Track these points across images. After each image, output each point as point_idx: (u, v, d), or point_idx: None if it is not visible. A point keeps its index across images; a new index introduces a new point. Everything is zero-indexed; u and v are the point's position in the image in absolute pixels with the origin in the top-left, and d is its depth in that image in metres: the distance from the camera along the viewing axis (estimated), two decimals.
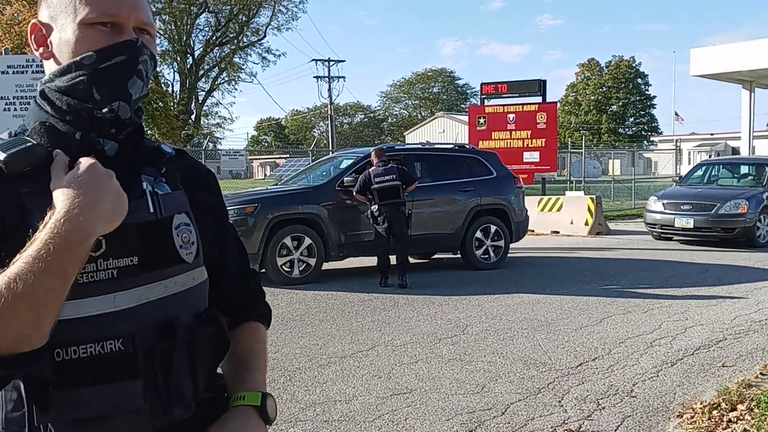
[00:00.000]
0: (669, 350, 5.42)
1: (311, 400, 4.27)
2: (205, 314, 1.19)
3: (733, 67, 19.09)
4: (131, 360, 1.06)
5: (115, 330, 1.05)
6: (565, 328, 6.12)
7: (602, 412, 4.09)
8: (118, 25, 1.09)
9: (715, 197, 12.26)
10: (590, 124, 62.60)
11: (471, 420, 3.95)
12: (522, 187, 10.61)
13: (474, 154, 10.37)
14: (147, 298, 1.09)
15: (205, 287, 1.22)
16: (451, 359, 5.17)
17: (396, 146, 11.16)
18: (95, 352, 1.03)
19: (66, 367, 1.02)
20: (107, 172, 1.01)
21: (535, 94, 17.63)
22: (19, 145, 1.04)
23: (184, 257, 1.15)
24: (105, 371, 1.04)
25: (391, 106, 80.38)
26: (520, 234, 10.27)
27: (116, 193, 1.00)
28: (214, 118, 48.37)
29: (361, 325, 6.28)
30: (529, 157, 17.39)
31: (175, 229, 1.15)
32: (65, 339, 1.01)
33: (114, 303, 1.06)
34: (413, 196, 8.78)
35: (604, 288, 8.04)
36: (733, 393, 4.27)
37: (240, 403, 1.22)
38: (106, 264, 1.05)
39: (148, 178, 1.15)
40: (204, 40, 39.54)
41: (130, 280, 1.07)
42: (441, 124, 48.13)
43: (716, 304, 7.12)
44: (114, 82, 1.08)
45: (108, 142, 1.12)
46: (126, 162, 1.14)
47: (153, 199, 1.13)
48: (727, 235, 11.88)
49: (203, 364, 1.17)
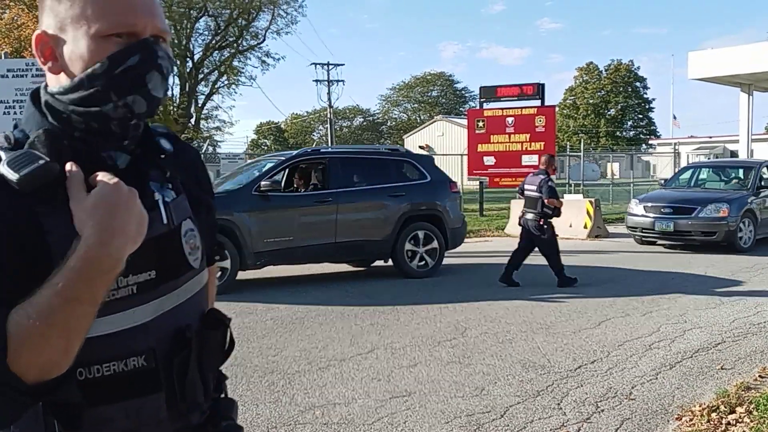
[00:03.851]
0: (668, 353, 5.43)
1: (310, 403, 4.28)
2: (212, 317, 1.19)
3: (732, 70, 19.13)
4: (154, 374, 1.06)
5: (137, 345, 1.05)
6: (564, 330, 6.13)
7: (601, 414, 4.10)
8: (134, 35, 1.04)
9: (695, 200, 12.03)
10: (588, 127, 62.65)
11: (470, 423, 3.95)
12: (458, 192, 10.03)
13: (407, 157, 9.88)
14: (163, 309, 1.09)
15: (206, 288, 1.22)
16: (450, 362, 5.18)
17: (321, 149, 10.86)
18: (119, 369, 1.03)
19: (89, 386, 1.01)
20: (131, 191, 0.97)
21: (534, 98, 17.67)
22: (31, 162, 0.96)
23: (193, 264, 1.15)
24: (129, 388, 1.04)
25: (390, 110, 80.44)
26: (457, 241, 9.79)
27: (140, 213, 0.98)
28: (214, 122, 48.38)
29: (360, 328, 6.28)
30: (528, 161, 17.41)
31: (183, 236, 1.13)
32: (88, 358, 1.00)
33: (133, 318, 1.05)
34: (337, 201, 8.68)
35: (602, 291, 8.05)
36: (732, 396, 4.27)
37: None
38: (126, 281, 1.04)
39: (155, 185, 1.12)
40: (203, 43, 39.56)
41: (148, 294, 1.07)
42: (440, 127, 48.13)
43: (715, 307, 7.13)
44: (131, 80, 1.04)
45: (120, 155, 1.09)
46: (136, 172, 1.10)
47: (166, 210, 1.10)
48: (707, 239, 11.63)
49: (212, 367, 1.18)
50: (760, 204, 12.42)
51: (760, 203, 12.43)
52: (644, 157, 47.26)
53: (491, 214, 19.03)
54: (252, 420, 3.95)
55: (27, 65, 8.18)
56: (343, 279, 9.14)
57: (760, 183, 12.72)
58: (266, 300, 7.58)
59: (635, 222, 12.44)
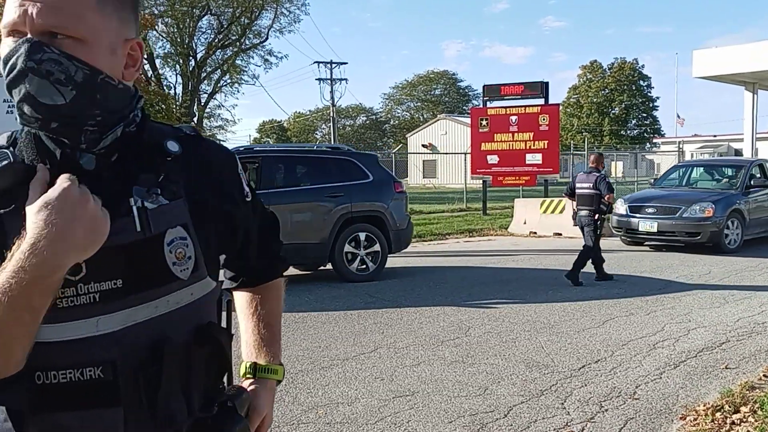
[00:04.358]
0: (672, 352, 5.41)
1: (313, 403, 4.27)
2: (205, 332, 1.12)
3: (736, 69, 19.07)
4: (111, 388, 1.02)
5: (96, 356, 1.01)
6: (568, 330, 6.11)
7: (605, 414, 4.08)
8: (20, 33, 1.00)
9: (680, 200, 11.78)
10: (592, 126, 62.56)
11: (473, 422, 3.94)
12: (404, 192, 9.57)
13: (348, 156, 9.38)
14: (134, 320, 1.04)
15: (209, 300, 1.16)
16: (453, 361, 5.17)
17: (255, 147, 10.66)
18: (75, 378, 1.00)
19: (46, 391, 0.99)
20: (82, 195, 0.94)
21: (537, 96, 17.64)
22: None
23: (178, 274, 1.08)
24: (84, 398, 1.01)
25: (393, 108, 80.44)
26: (402, 244, 9.32)
27: (91, 219, 0.94)
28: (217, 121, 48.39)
29: (363, 327, 6.28)
30: (532, 159, 17.40)
31: (167, 245, 1.06)
32: (46, 363, 0.98)
33: (97, 327, 1.01)
34: (269, 202, 8.50)
35: (606, 290, 8.03)
36: (737, 395, 4.26)
37: (273, 377, 1.38)
38: (87, 288, 1.00)
39: (140, 189, 1.05)
40: (206, 42, 39.59)
41: (115, 303, 1.02)
42: (443, 126, 48.10)
43: (719, 306, 7.10)
44: (15, 84, 0.99)
45: (84, 155, 1.04)
46: (116, 175, 1.06)
47: (141, 217, 1.04)
48: (691, 240, 11.34)
49: (199, 385, 1.12)
50: (749, 204, 12.07)
51: (749, 203, 12.09)
52: (648, 156, 47.17)
53: (494, 213, 19.02)
54: None
55: None
56: (345, 279, 9.13)
57: (750, 182, 12.40)
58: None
59: (620, 222, 12.18)
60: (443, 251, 12.15)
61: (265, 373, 1.37)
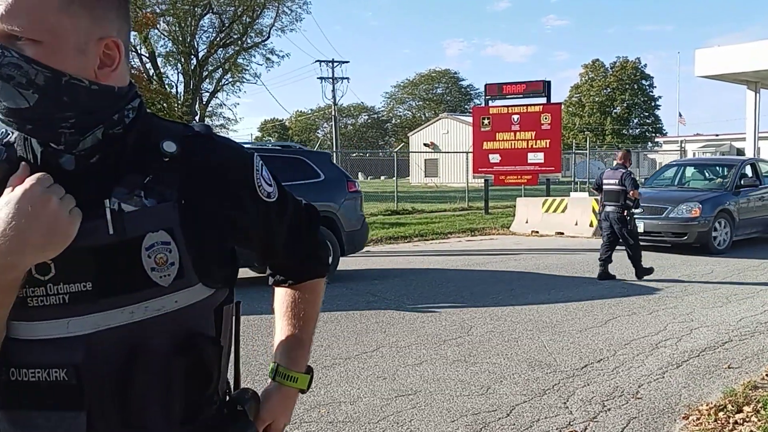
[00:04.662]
0: (674, 352, 5.40)
1: (316, 402, 4.27)
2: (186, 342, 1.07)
3: (738, 68, 19.02)
4: (75, 391, 1.01)
5: (62, 358, 1.00)
6: (570, 329, 6.11)
7: (608, 413, 4.08)
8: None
9: (667, 200, 11.51)
10: (594, 125, 62.51)
11: (476, 421, 3.94)
12: (358, 192, 9.18)
13: (298, 154, 9.02)
14: (108, 324, 1.01)
15: (200, 308, 1.09)
16: (455, 361, 5.16)
17: None
18: (42, 378, 1.01)
19: (18, 387, 1.01)
20: (43, 194, 0.93)
21: (539, 95, 17.62)
22: None
23: (157, 281, 1.03)
24: (49, 399, 1.01)
25: (395, 107, 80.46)
26: (356, 245, 9.00)
27: (53, 218, 0.92)
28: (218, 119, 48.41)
29: (365, 326, 6.27)
30: (534, 158, 17.39)
31: (146, 249, 1.02)
32: (18, 360, 1.00)
33: (67, 329, 1.00)
34: None
35: (608, 289, 8.02)
36: (739, 395, 4.25)
37: (291, 385, 1.39)
38: (57, 289, 0.99)
39: (121, 191, 1.02)
40: (208, 41, 39.58)
41: (84, 305, 1.00)
42: (445, 125, 48.06)
43: (722, 306, 7.09)
44: None
45: (63, 155, 1.03)
46: (96, 176, 1.03)
47: (114, 219, 1.00)
48: (677, 240, 11.09)
49: (178, 396, 1.07)
50: (739, 204, 11.80)
51: (739, 203, 11.82)
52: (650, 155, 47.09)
53: (496, 212, 19.01)
54: None
55: None
56: (347, 277, 9.12)
57: (740, 182, 12.14)
58: (270, 298, 7.57)
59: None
60: (445, 250, 12.15)
61: (284, 379, 1.38)
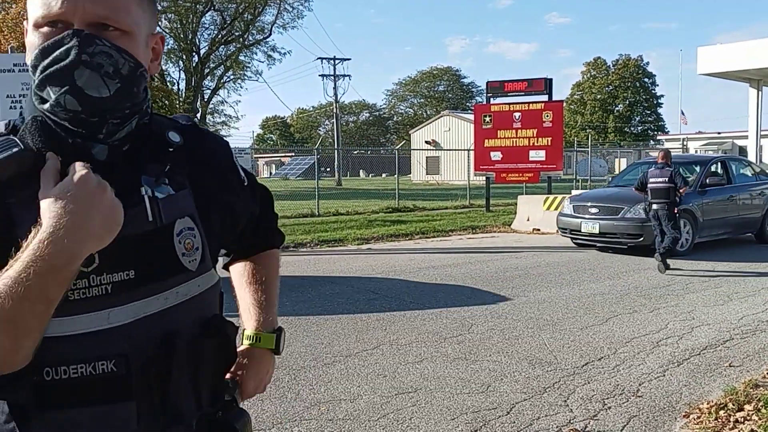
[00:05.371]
0: (675, 350, 5.40)
1: (316, 399, 4.27)
2: (212, 325, 1.11)
3: (741, 65, 18.99)
4: (124, 382, 1.00)
5: (108, 350, 0.98)
6: (571, 327, 6.10)
7: (608, 411, 4.07)
8: (65, 23, 0.98)
9: (623, 200, 11.02)
10: (596, 123, 62.44)
11: (476, 419, 3.93)
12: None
13: None
14: (145, 312, 1.02)
15: (214, 292, 1.15)
16: (456, 358, 5.16)
17: None
18: (86, 372, 0.97)
19: (56, 386, 0.97)
20: (100, 184, 0.92)
21: (541, 93, 17.60)
22: (4, 150, 0.94)
23: (187, 265, 1.07)
24: (96, 393, 0.98)
25: (396, 105, 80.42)
26: None
27: (109, 207, 0.92)
28: (220, 117, 48.46)
29: (365, 324, 6.27)
30: (535, 156, 17.37)
31: (177, 236, 1.06)
32: (55, 358, 0.96)
33: (108, 319, 0.99)
34: None
35: (609, 287, 8.01)
36: (740, 393, 4.24)
37: (256, 345, 1.34)
38: (100, 279, 0.98)
39: (149, 179, 1.05)
40: (209, 38, 39.61)
41: (127, 294, 1.00)
42: (446, 122, 48.01)
43: (723, 304, 7.08)
44: (59, 75, 0.97)
45: (95, 145, 1.02)
46: (126, 165, 1.04)
47: (152, 206, 1.03)
48: (633, 242, 10.59)
49: (207, 378, 1.11)
50: (703, 204, 11.19)
51: (704, 203, 11.22)
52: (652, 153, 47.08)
53: (498, 209, 18.99)
54: (257, 416, 3.94)
55: None
56: (348, 275, 9.13)
57: (706, 181, 11.54)
58: None
59: (564, 223, 11.64)
60: (446, 248, 12.14)
61: (249, 341, 1.37)
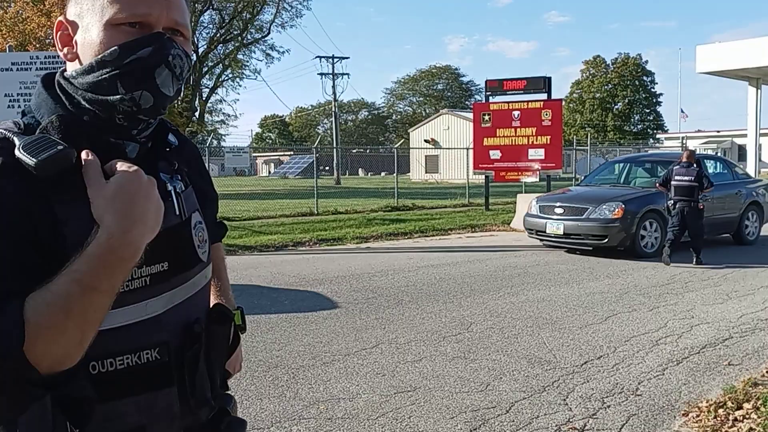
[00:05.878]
0: (675, 348, 5.39)
1: (315, 398, 4.26)
2: (218, 311, 1.19)
3: (740, 64, 19.01)
4: (167, 368, 1.05)
5: (151, 338, 1.03)
6: (570, 326, 6.10)
7: (607, 410, 4.07)
8: (147, 25, 1.02)
9: (589, 199, 10.82)
10: (595, 122, 62.45)
11: (475, 418, 3.93)
12: None
13: None
14: (173, 302, 1.07)
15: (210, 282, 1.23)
16: (455, 357, 5.16)
17: None
18: (132, 362, 1.01)
19: (102, 380, 0.99)
20: (150, 180, 0.97)
21: (540, 91, 17.59)
22: (49, 147, 0.94)
23: (201, 256, 1.14)
24: (142, 382, 1.02)
25: (395, 103, 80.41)
26: None
27: (158, 201, 0.97)
28: (218, 115, 48.52)
29: (364, 323, 6.26)
30: (534, 155, 17.36)
31: (193, 229, 1.13)
32: (101, 351, 0.98)
33: (146, 310, 1.03)
34: None
35: (609, 286, 8.01)
36: (739, 391, 4.24)
37: None
38: (140, 272, 1.02)
39: (165, 176, 1.11)
40: (208, 37, 39.54)
41: (161, 285, 1.05)
42: (445, 121, 47.99)
43: (722, 302, 7.08)
44: (139, 73, 1.01)
45: (129, 144, 1.07)
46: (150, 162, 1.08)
47: (178, 201, 1.10)
48: (598, 243, 10.32)
49: (218, 363, 1.18)
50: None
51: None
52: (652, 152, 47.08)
53: (497, 208, 18.98)
54: (256, 414, 3.93)
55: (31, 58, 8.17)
56: (347, 274, 9.12)
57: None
58: (270, 295, 7.57)
59: (530, 223, 11.42)
60: (445, 246, 12.14)
61: None
